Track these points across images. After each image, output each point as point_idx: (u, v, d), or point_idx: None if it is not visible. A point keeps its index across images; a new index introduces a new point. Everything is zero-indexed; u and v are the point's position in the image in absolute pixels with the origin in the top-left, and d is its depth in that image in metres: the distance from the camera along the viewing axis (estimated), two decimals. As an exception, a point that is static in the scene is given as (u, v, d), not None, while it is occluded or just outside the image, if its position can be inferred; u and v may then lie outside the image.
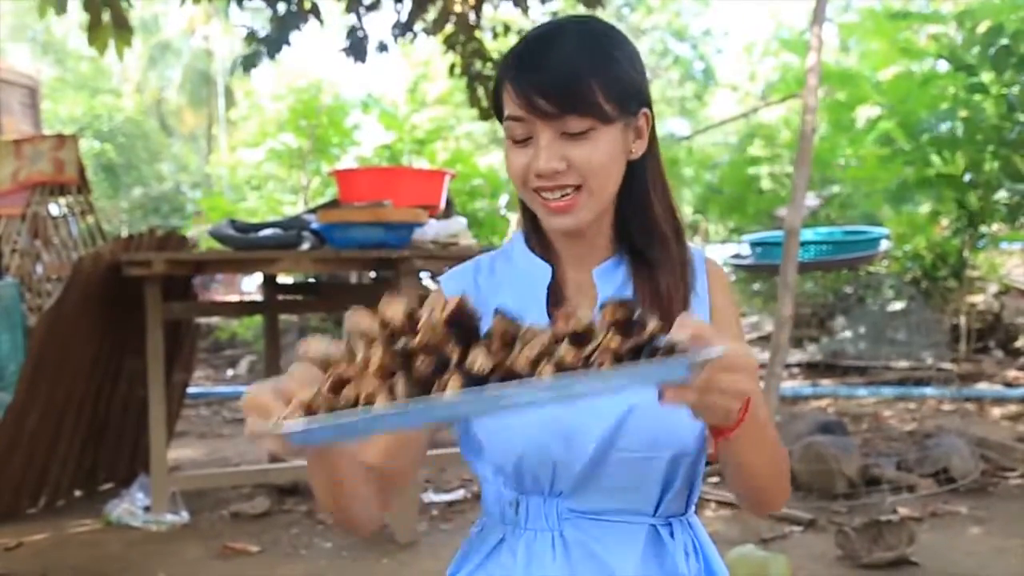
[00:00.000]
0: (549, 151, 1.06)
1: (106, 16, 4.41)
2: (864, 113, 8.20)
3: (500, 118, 1.14)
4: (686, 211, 13.06)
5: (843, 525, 3.46)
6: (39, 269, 6.16)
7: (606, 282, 1.14)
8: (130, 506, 3.98)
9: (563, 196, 1.08)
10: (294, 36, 5.22)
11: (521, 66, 1.07)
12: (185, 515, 3.96)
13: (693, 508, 1.19)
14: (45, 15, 4.49)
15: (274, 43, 5.17)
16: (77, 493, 4.41)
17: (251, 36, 5.29)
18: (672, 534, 1.14)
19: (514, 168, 1.10)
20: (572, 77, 1.05)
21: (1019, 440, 5.03)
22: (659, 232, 1.14)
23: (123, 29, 4.44)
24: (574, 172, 1.07)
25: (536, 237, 1.18)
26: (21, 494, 4.07)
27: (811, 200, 8.28)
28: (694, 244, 1.22)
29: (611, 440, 1.08)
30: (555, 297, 1.15)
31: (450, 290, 1.17)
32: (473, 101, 5.97)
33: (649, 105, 1.13)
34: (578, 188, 1.08)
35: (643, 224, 1.14)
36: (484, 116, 6.09)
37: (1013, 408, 6.09)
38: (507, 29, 5.85)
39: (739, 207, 8.68)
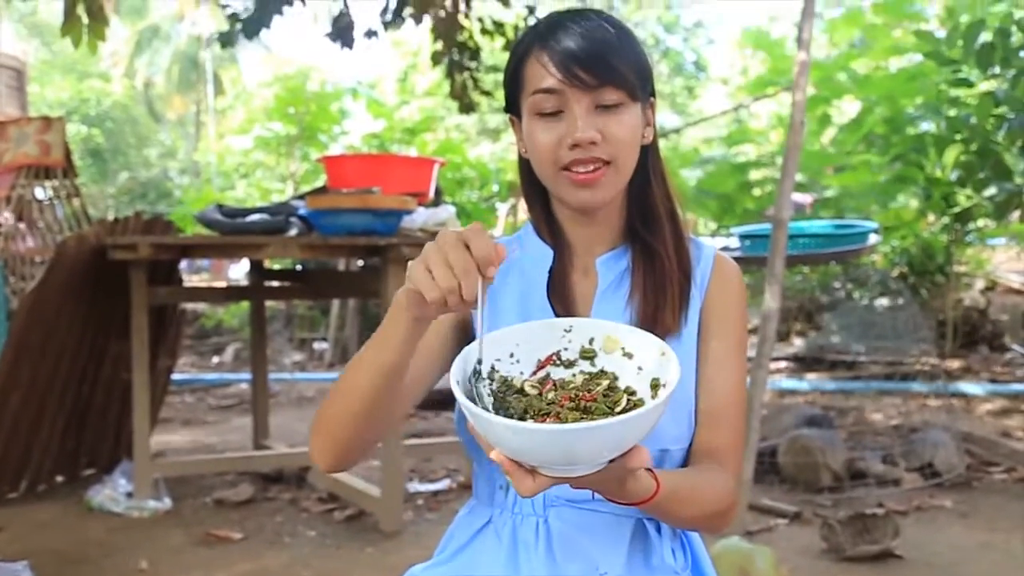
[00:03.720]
0: (588, 121, 1.08)
1: (81, 8, 4.30)
2: (847, 109, 8.19)
3: (512, 98, 1.16)
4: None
5: (828, 518, 3.46)
6: (23, 252, 6.09)
7: (608, 271, 1.18)
8: (112, 492, 3.95)
9: (594, 169, 1.10)
10: (277, 19, 5.12)
11: (556, 36, 1.09)
12: (168, 501, 3.93)
13: None
14: None
15: (254, 23, 5.07)
16: (59, 478, 4.36)
17: (232, 16, 5.20)
18: (659, 528, 1.14)
19: (543, 143, 1.10)
20: (609, 49, 1.08)
21: (1004, 435, 5.05)
22: (656, 216, 1.18)
23: (97, 21, 4.32)
24: (606, 146, 1.09)
25: (545, 223, 1.21)
26: (2, 478, 4.02)
27: (800, 197, 8.28)
28: (704, 240, 1.28)
29: None
30: (556, 282, 1.18)
31: None
32: (454, 93, 5.87)
33: (655, 94, 1.18)
34: (607, 164, 1.10)
35: (643, 210, 1.19)
36: (464, 109, 5.95)
37: (999, 404, 6.12)
38: (498, 27, 5.67)
39: (730, 209, 8.66)
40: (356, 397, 1.02)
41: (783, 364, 7.82)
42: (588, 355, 0.97)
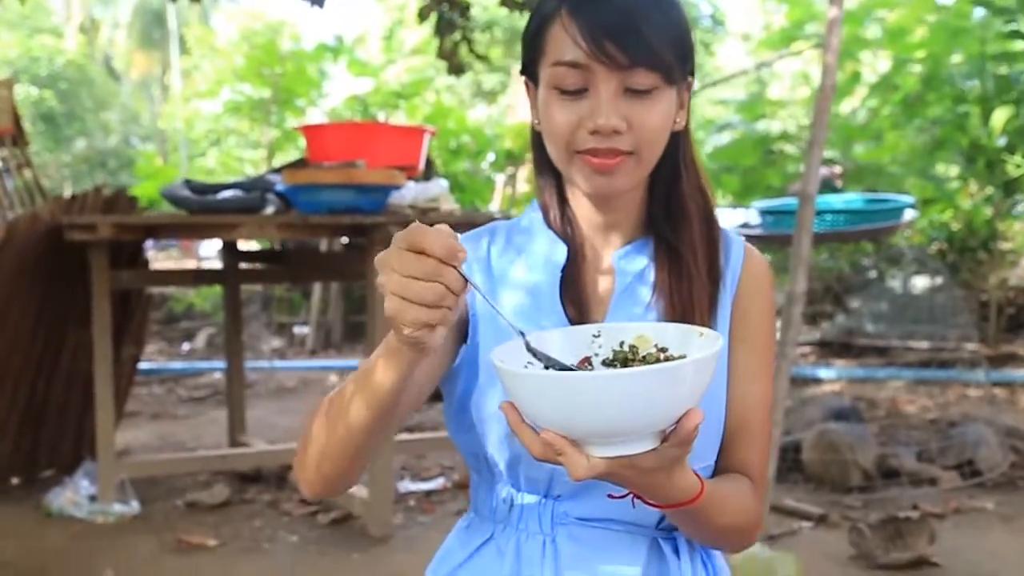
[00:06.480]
0: (613, 106, 1.03)
1: None
2: (878, 66, 8.15)
3: (530, 61, 1.11)
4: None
5: (857, 521, 3.49)
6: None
7: (626, 268, 1.15)
8: (73, 495, 3.97)
9: (613, 156, 1.06)
10: None
11: (589, 0, 1.03)
12: (135, 505, 3.95)
13: None
14: None
15: None
16: (14, 481, 4.39)
17: None
18: (676, 549, 1.14)
19: (560, 124, 1.06)
20: (648, 22, 1.02)
21: (1050, 429, 5.07)
22: (685, 212, 1.14)
23: None
24: (631, 136, 1.05)
25: (559, 210, 1.17)
26: (-48, 481, 4.05)
27: (827, 169, 8.26)
28: (731, 230, 1.22)
29: None
30: (570, 280, 1.14)
31: None
32: (442, 53, 5.87)
33: (694, 72, 1.12)
34: (629, 154, 1.06)
35: (669, 203, 1.15)
36: (453, 70, 5.95)
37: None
38: None
39: (753, 185, 8.64)
40: (349, 436, 1.01)
41: (808, 349, 7.84)
42: (621, 356, 0.97)
